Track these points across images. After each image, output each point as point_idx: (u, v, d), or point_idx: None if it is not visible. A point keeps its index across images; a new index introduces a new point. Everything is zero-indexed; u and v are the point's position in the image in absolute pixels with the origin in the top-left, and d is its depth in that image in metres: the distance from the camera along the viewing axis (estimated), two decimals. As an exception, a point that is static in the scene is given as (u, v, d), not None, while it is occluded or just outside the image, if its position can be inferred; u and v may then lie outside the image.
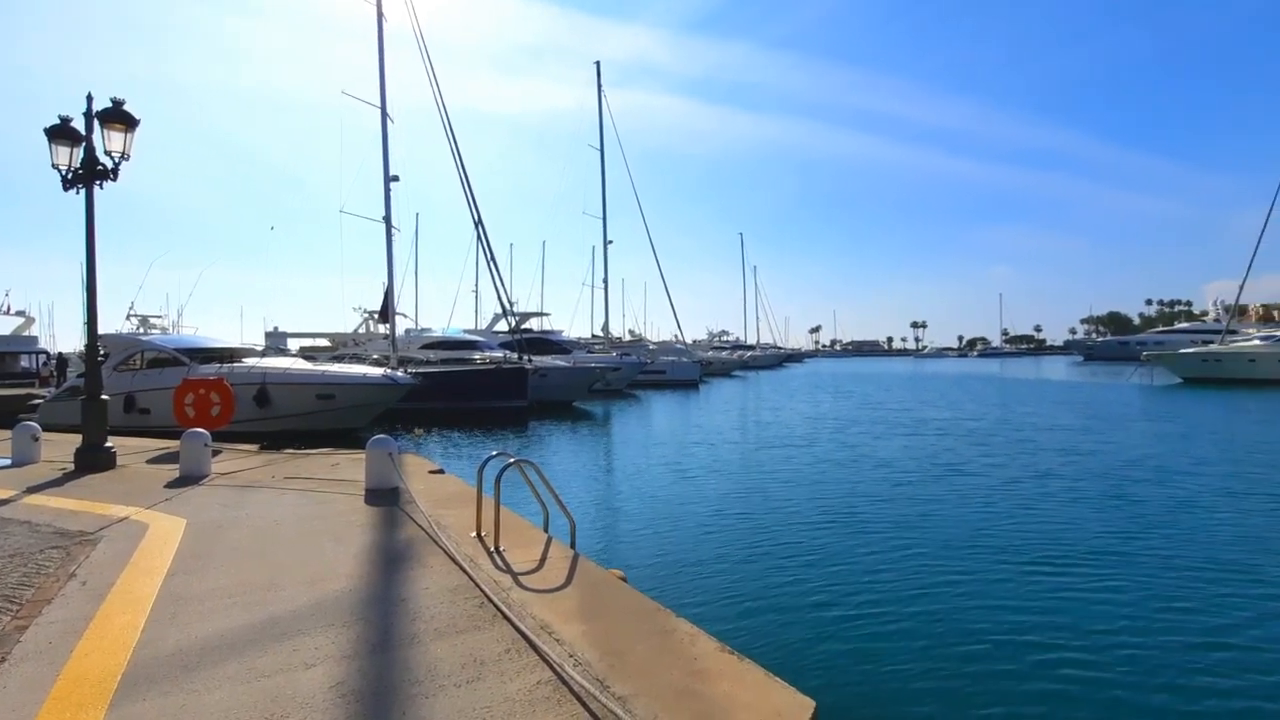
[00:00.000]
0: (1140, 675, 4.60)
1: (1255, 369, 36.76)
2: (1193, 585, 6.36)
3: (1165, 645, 5.06)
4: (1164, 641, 5.12)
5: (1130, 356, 52.68)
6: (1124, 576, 6.60)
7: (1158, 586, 6.33)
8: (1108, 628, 5.36)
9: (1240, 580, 6.52)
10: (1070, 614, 5.67)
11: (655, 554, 7.36)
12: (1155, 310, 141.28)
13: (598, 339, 48.66)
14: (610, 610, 3.57)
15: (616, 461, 14.58)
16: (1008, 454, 14.73)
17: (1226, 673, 4.64)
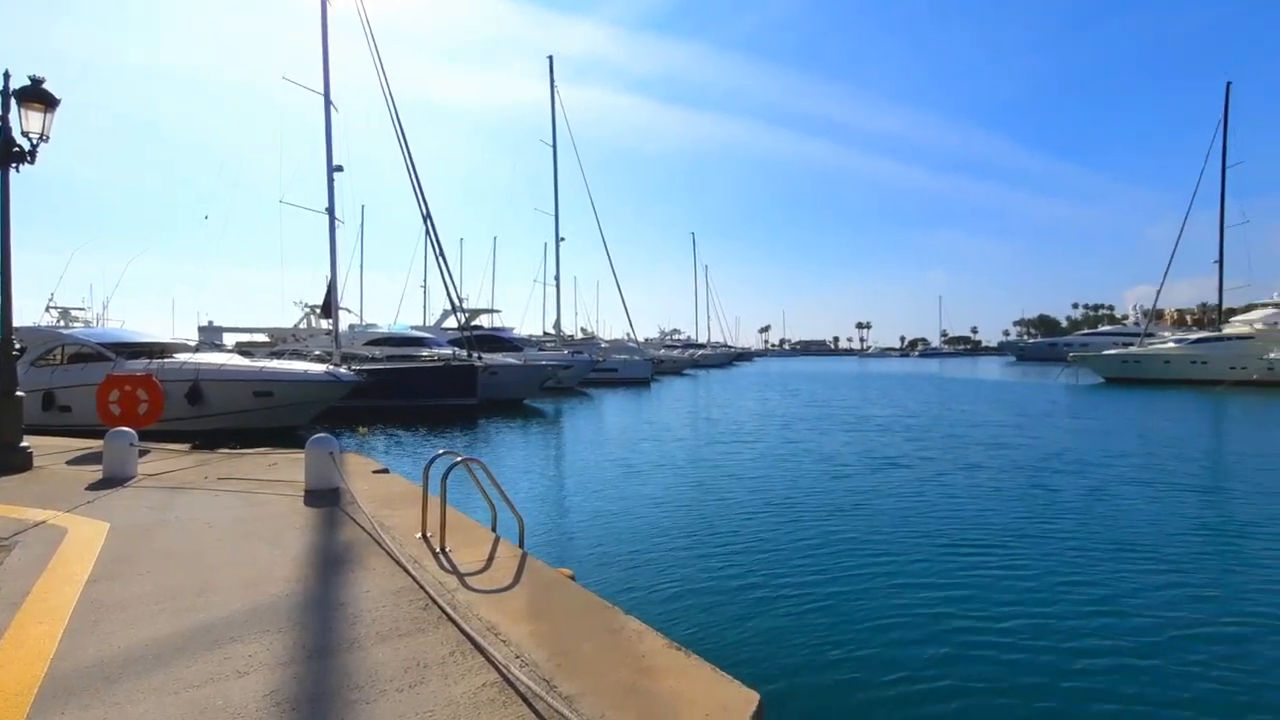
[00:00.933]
0: (1044, 641, 5.19)
1: (1169, 370, 39.42)
2: (1093, 563, 7.13)
3: (1063, 614, 5.75)
4: (1062, 610, 5.83)
5: (1058, 357, 55.49)
6: (1038, 556, 7.34)
7: (1061, 564, 7.07)
8: (1018, 602, 6.02)
9: (1136, 558, 7.31)
10: (991, 592, 6.23)
11: (605, 552, 7.37)
12: (1081, 313, 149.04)
13: (549, 336, 48.29)
14: (558, 609, 3.55)
15: (567, 460, 14.51)
16: (941, 449, 15.52)
17: (1115, 635, 5.30)
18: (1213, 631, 5.40)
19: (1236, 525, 8.80)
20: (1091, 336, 67.77)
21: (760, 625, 5.39)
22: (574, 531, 8.36)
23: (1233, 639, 5.28)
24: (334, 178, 21.87)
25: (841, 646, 5.03)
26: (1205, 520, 9.07)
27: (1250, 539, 8.14)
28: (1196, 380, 37.59)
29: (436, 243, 23.42)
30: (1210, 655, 4.96)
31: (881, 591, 6.23)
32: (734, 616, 5.56)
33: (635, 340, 51.63)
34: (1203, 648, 5.08)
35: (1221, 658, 4.92)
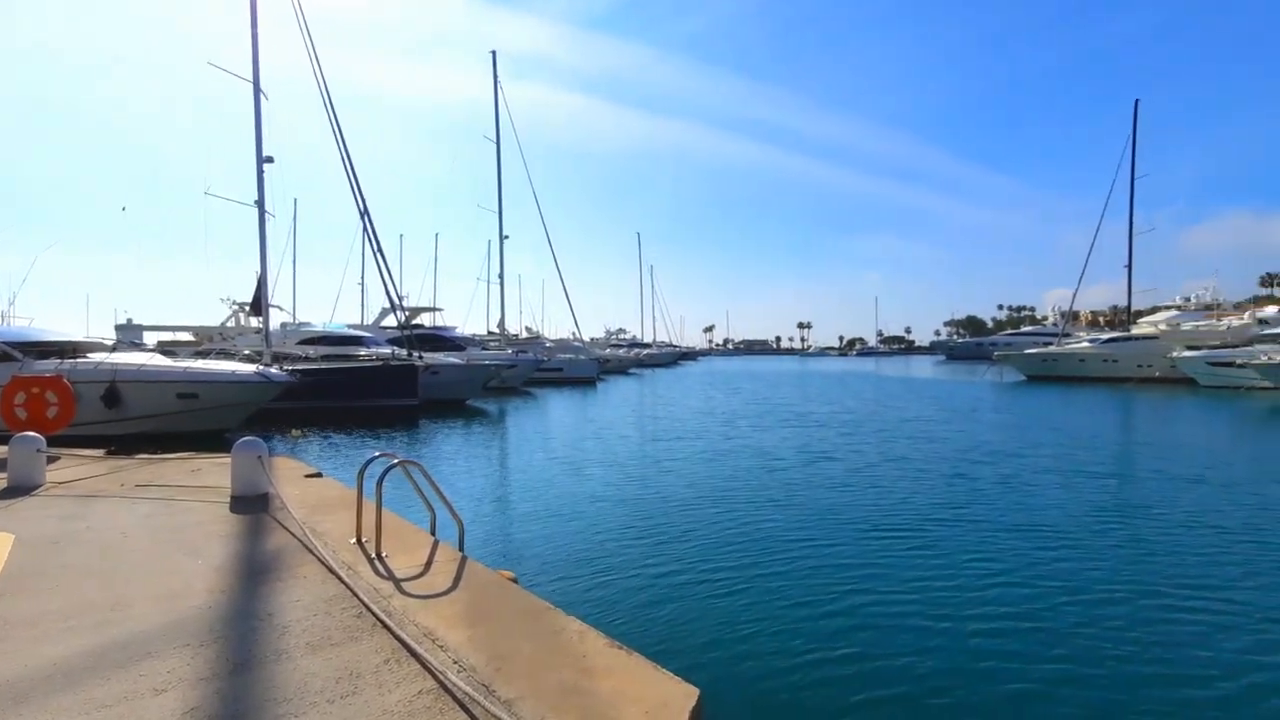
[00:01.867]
0: (955, 615, 5.69)
1: (1084, 368, 41.99)
2: (1000, 542, 7.86)
3: (968, 585, 6.38)
4: (969, 583, 6.43)
5: (985, 356, 58.33)
6: (953, 538, 8.02)
7: (974, 544, 7.77)
8: (934, 580, 6.51)
9: (1038, 537, 8.06)
10: (911, 573, 6.70)
11: (548, 553, 7.31)
12: (1005, 314, 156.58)
13: (493, 336, 47.59)
14: (498, 613, 3.52)
15: (510, 460, 14.34)
16: (872, 443, 16.30)
17: (1011, 603, 5.94)
18: (1102, 598, 6.03)
19: (1131, 507, 9.65)
20: (1015, 336, 71.34)
21: (701, 619, 5.47)
22: (516, 533, 8.27)
23: (1117, 602, 5.95)
24: (264, 169, 20.95)
25: (778, 635, 5.18)
26: (1104, 503, 9.89)
27: (1142, 519, 9.01)
28: (1108, 377, 40.15)
29: (374, 239, 22.74)
30: (1100, 618, 5.57)
31: (812, 578, 6.55)
32: (676, 612, 5.63)
33: (581, 339, 51.32)
34: (1094, 612, 5.70)
35: (1112, 621, 5.50)
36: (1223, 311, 46.97)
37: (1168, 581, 6.43)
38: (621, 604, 5.81)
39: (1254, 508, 9.41)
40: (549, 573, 6.61)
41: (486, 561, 4.75)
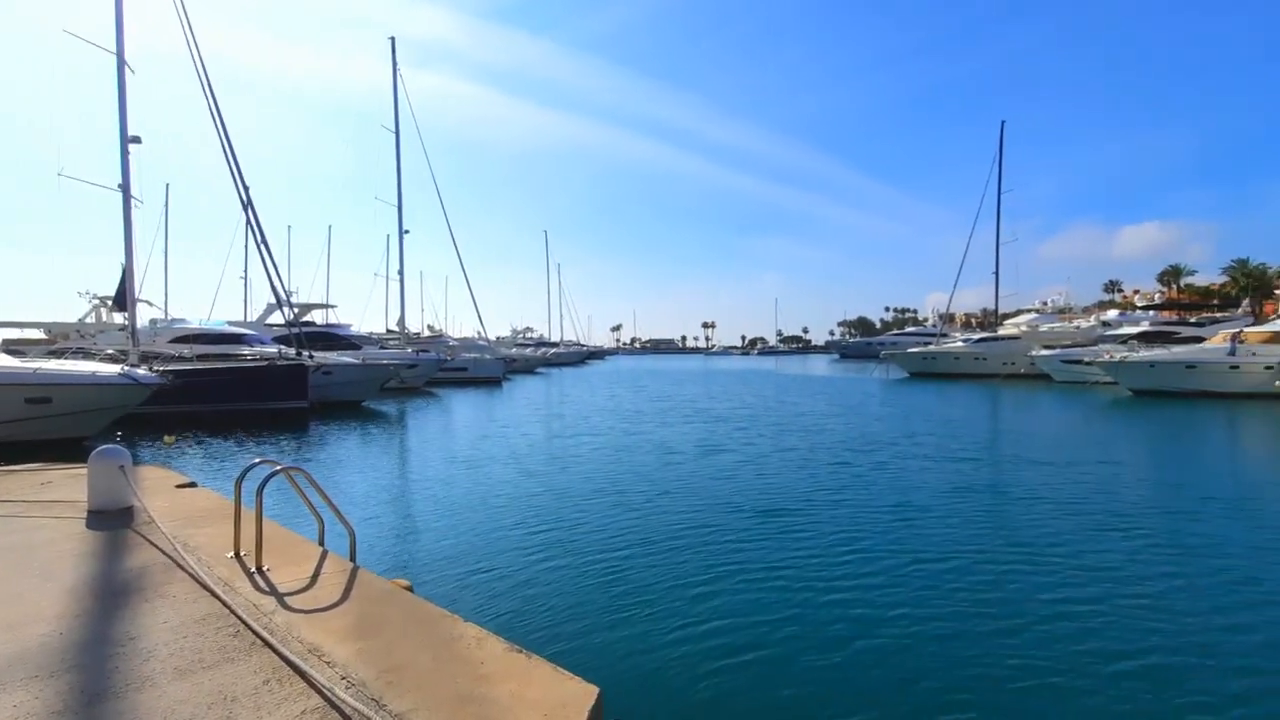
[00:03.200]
0: (833, 586, 6.39)
1: (959, 365, 45.68)
2: (875, 520, 8.76)
3: (837, 560, 7.12)
4: (835, 559, 7.15)
5: (873, 355, 62.16)
6: (831, 519, 8.84)
7: (847, 524, 8.57)
8: (814, 558, 7.18)
9: (908, 514, 9.07)
10: (793, 554, 7.29)
11: (447, 559, 7.11)
12: (891, 316, 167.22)
13: (392, 334, 45.66)
14: (391, 623, 3.41)
15: (409, 464, 13.82)
16: (766, 435, 17.34)
17: (870, 573, 6.71)
18: (954, 565, 6.95)
19: (983, 486, 11.03)
20: (899, 336, 76.35)
21: (603, 616, 5.52)
22: (414, 539, 7.98)
23: (958, 564, 6.98)
24: (129, 150, 19.05)
25: (675, 627, 5.32)
26: (961, 483, 11.19)
27: (991, 494, 10.42)
28: (979, 374, 43.90)
29: (258, 230, 21.22)
30: (951, 579, 6.52)
31: (707, 568, 6.83)
32: (578, 611, 5.65)
33: (486, 338, 50.21)
34: (946, 577, 6.60)
35: (954, 580, 6.49)
36: (1073, 315, 52.66)
37: (1005, 545, 7.67)
38: (523, 606, 5.76)
39: (1087, 485, 10.83)
40: (448, 579, 6.43)
41: (381, 571, 4.59)
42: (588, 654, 4.72)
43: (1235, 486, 11.37)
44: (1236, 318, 40.35)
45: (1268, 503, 9.86)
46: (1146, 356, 30.60)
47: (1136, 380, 30.06)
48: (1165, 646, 5.00)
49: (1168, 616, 5.55)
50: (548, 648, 4.72)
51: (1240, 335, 29.40)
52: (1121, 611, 5.65)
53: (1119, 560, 7.05)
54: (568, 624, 5.37)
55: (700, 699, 4.28)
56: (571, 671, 2.97)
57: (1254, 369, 27.63)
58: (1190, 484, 11.26)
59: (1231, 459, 14.66)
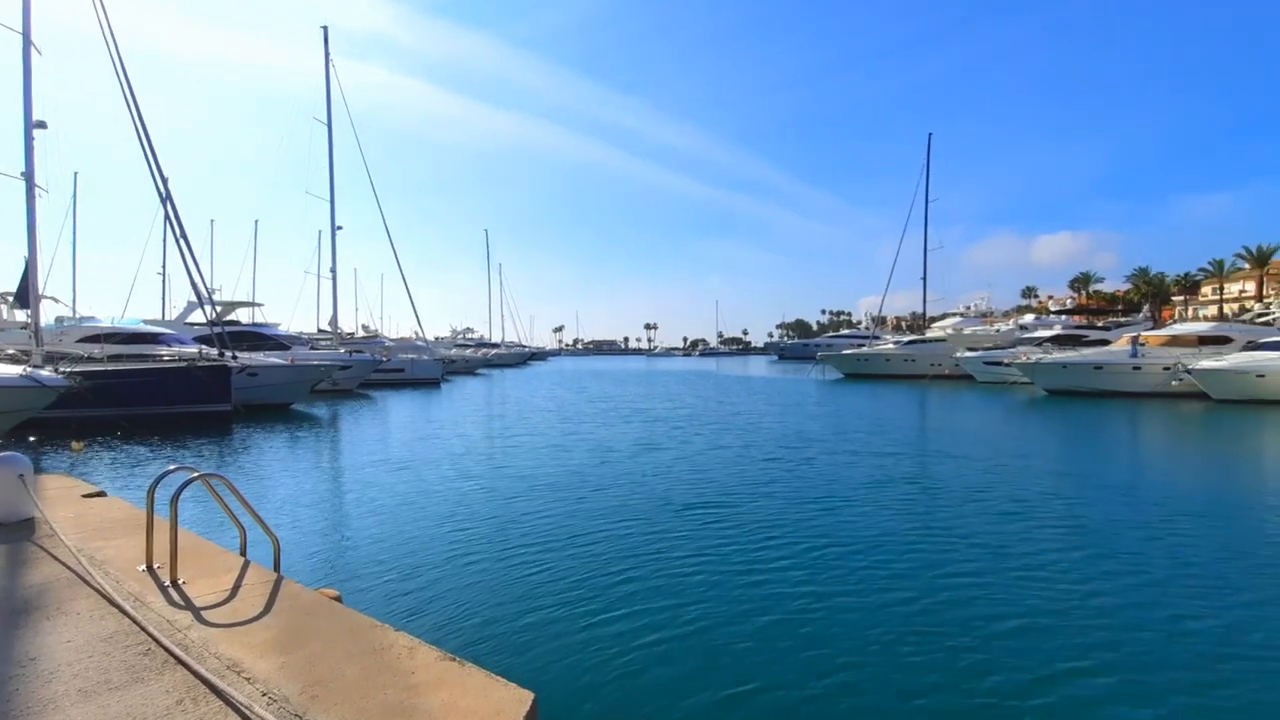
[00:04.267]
0: (754, 573, 6.78)
1: (890, 366, 47.51)
2: (800, 512, 9.28)
3: (766, 552, 7.49)
4: (765, 552, 7.51)
5: (810, 356, 63.85)
6: (755, 511, 9.30)
7: (773, 515, 9.04)
8: (734, 549, 7.57)
9: (831, 505, 9.72)
10: (716, 546, 7.63)
11: (379, 566, 6.90)
12: (827, 318, 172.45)
13: (324, 334, 44.04)
14: (318, 635, 3.30)
15: (340, 469, 13.35)
16: (702, 434, 17.82)
17: (794, 562, 7.19)
18: (868, 548, 7.62)
19: (905, 478, 11.75)
20: (835, 339, 78.70)
21: (540, 620, 5.48)
22: (344, 547, 7.71)
23: (871, 548, 7.64)
24: (34, 135, 17.71)
25: (611, 627, 5.34)
26: (883, 476, 11.91)
27: (909, 486, 11.12)
28: (908, 374, 45.78)
29: (177, 223, 20.09)
30: (863, 560, 7.18)
31: (637, 563, 6.98)
32: (515, 614, 5.58)
33: (424, 338, 49.02)
34: (857, 558, 7.27)
35: (870, 564, 7.08)
36: (994, 318, 55.67)
37: (913, 529, 8.44)
38: (459, 612, 5.66)
39: (994, 476, 11.74)
40: (380, 587, 6.25)
41: (308, 581, 4.44)
42: (524, 658, 4.69)
43: (1128, 476, 12.46)
44: (1138, 322, 43.51)
45: (1154, 490, 10.91)
46: (1059, 358, 32.58)
47: (1050, 380, 31.96)
48: (1040, 610, 5.76)
49: (1043, 584, 6.37)
50: (483, 654, 4.66)
51: (1141, 338, 31.70)
52: (1005, 583, 6.40)
53: (1011, 540, 7.90)
54: (504, 628, 5.30)
55: (636, 697, 4.31)
56: (506, 678, 2.94)
57: (1154, 369, 29.79)
58: (1087, 474, 12.36)
59: (1129, 452, 15.80)
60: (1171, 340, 31.51)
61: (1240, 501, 10.04)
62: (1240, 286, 67.36)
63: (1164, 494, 10.58)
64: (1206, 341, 30.67)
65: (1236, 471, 13.22)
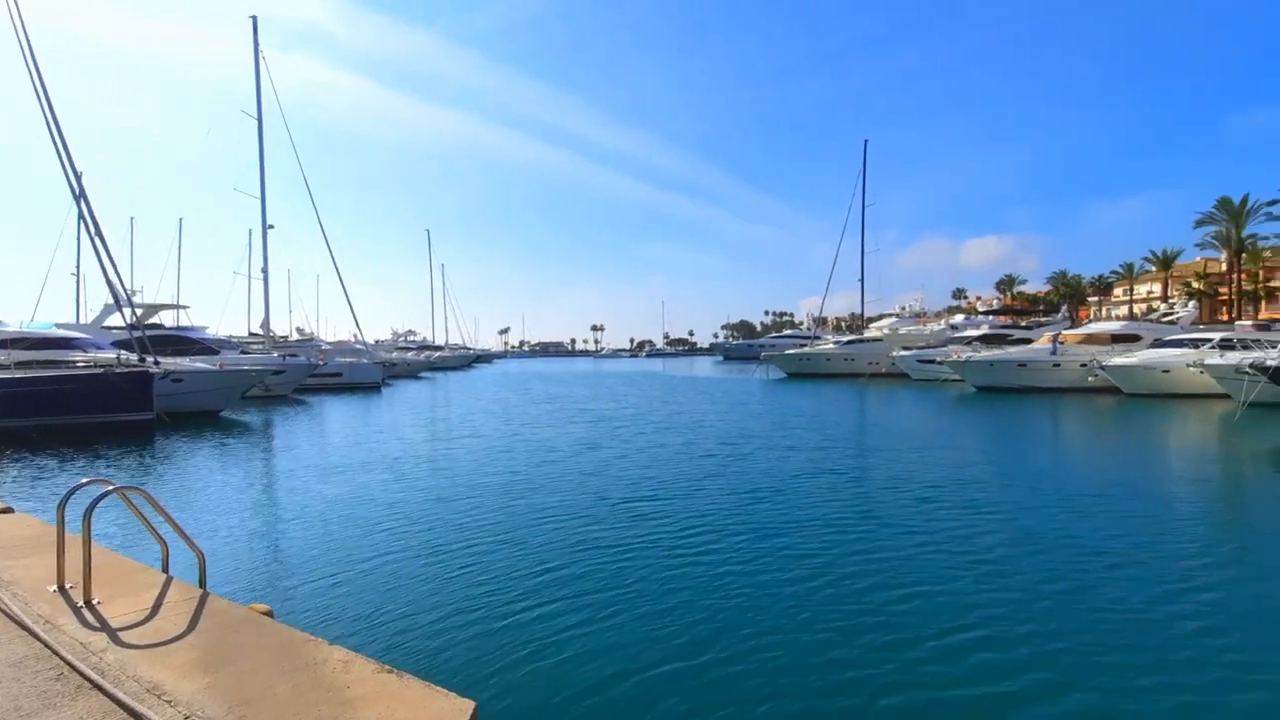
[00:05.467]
0: (690, 567, 7.08)
1: (830, 365, 48.94)
2: (732, 502, 9.88)
3: (695, 540, 7.99)
4: (693, 540, 7.99)
5: (754, 356, 65.21)
6: (691, 505, 9.73)
7: (703, 508, 9.52)
8: (666, 542, 7.89)
9: (765, 495, 10.34)
10: (660, 547, 7.72)
11: (313, 578, 6.69)
12: (770, 319, 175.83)
13: (256, 337, 42.26)
14: (247, 652, 3.19)
15: (272, 478, 12.86)
16: (645, 433, 18.19)
17: (722, 548, 7.69)
18: (795, 533, 8.27)
19: (833, 469, 12.57)
20: (778, 339, 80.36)
21: (477, 625, 5.43)
22: (275, 559, 7.43)
23: (799, 534, 8.26)
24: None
25: (551, 633, 5.33)
26: (817, 468, 12.69)
27: (836, 477, 11.89)
28: (848, 373, 47.23)
29: (92, 221, 18.94)
30: (787, 545, 7.76)
31: (575, 564, 7.04)
32: (454, 623, 5.51)
33: (363, 341, 47.55)
34: (782, 540, 7.93)
35: (798, 549, 7.65)
36: (927, 319, 57.95)
37: (843, 516, 9.15)
38: (398, 622, 5.54)
39: (918, 465, 12.58)
40: (314, 600, 6.06)
41: (236, 595, 4.28)
42: (464, 666, 4.64)
43: (1036, 465, 13.57)
44: (1058, 321, 46.01)
45: (1056, 478, 11.95)
46: (986, 356, 34.21)
47: (979, 377, 33.53)
48: (932, 579, 6.54)
49: (942, 559, 7.18)
50: (422, 664, 4.59)
51: (1060, 337, 33.60)
52: (905, 558, 7.20)
53: (920, 521, 8.73)
54: (444, 636, 5.23)
55: (576, 697, 4.34)
56: (446, 687, 2.92)
57: (1072, 366, 31.63)
58: (1001, 463, 13.43)
59: (1042, 444, 16.88)
60: (1087, 339, 33.52)
61: (1133, 486, 11.08)
62: (1148, 288, 72.17)
63: (1065, 481, 11.61)
64: (1118, 340, 32.75)
65: (1135, 460, 14.36)
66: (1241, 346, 25.32)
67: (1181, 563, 7.02)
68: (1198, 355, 26.14)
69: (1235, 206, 48.62)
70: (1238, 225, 48.97)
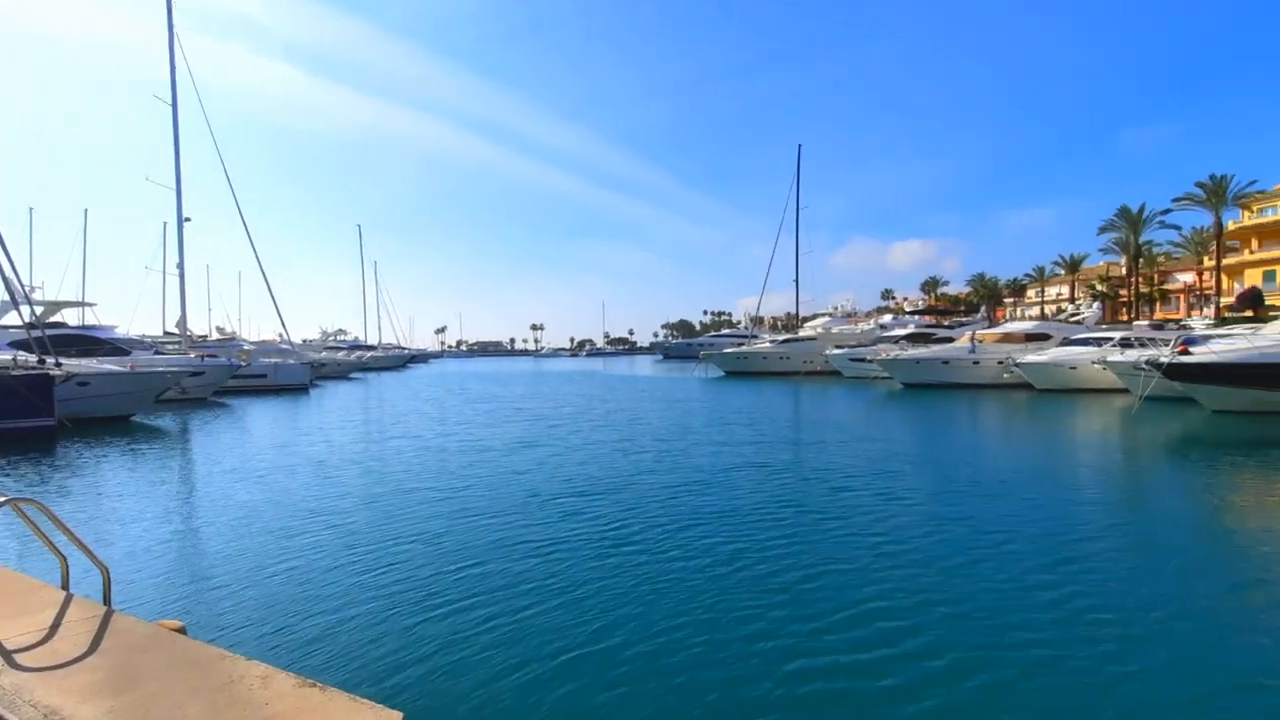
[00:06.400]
0: (616, 562, 7.24)
1: (767, 364, 50.09)
2: (666, 494, 10.40)
3: (622, 536, 8.20)
4: (620, 536, 8.19)
5: (694, 355, 66.03)
6: (617, 502, 9.91)
7: (632, 504, 9.77)
8: (609, 554, 7.62)
9: (699, 488, 10.83)
10: (590, 547, 7.77)
11: (230, 590, 6.37)
12: (709, 318, 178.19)
13: (171, 337, 39.92)
14: (156, 672, 3.05)
15: (187, 486, 12.17)
16: (579, 431, 18.46)
17: (649, 542, 7.97)
18: (718, 528, 8.50)
19: (760, 463, 13.07)
20: (716, 338, 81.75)
21: (404, 633, 5.30)
22: (189, 572, 7.01)
23: (721, 524, 8.69)
24: None
25: (475, 635, 5.27)
26: (745, 461, 13.31)
27: (758, 470, 12.45)
28: (784, 371, 48.50)
29: (-20, 211, 17.45)
30: (709, 535, 8.17)
31: (503, 566, 7.00)
32: (378, 631, 5.36)
33: (289, 341, 45.40)
34: (701, 530, 8.35)
35: (721, 537, 8.09)
36: (858, 318, 60.18)
37: (772, 502, 9.80)
38: (321, 634, 5.35)
39: (841, 457, 13.23)
40: (231, 614, 5.78)
41: (145, 612, 4.07)
42: (391, 676, 4.52)
43: (949, 455, 14.52)
44: (977, 321, 48.57)
45: (965, 466, 12.84)
46: (912, 355, 35.79)
47: (906, 375, 35.02)
48: (840, 559, 7.17)
49: (854, 539, 7.91)
50: (347, 676, 4.46)
51: (979, 336, 35.48)
52: (817, 540, 7.88)
53: (833, 507, 9.42)
54: (369, 645, 5.09)
55: (504, 701, 4.31)
56: (372, 699, 2.87)
57: (990, 364, 33.45)
58: (917, 454, 14.37)
59: (957, 436, 17.89)
60: (1003, 338, 35.51)
61: (1036, 473, 12.23)
62: (1058, 290, 77.04)
63: (975, 469, 12.57)
64: (1031, 339, 34.83)
65: (1040, 450, 15.44)
66: (1139, 345, 27.38)
67: (1066, 537, 7.85)
68: (1101, 353, 28.10)
69: (1133, 215, 52.44)
70: (1135, 232, 52.85)
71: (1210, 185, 45.14)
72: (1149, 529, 8.66)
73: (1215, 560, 7.22)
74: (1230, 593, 6.13)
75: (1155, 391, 21.13)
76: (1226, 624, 5.39)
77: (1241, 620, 5.47)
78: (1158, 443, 16.56)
